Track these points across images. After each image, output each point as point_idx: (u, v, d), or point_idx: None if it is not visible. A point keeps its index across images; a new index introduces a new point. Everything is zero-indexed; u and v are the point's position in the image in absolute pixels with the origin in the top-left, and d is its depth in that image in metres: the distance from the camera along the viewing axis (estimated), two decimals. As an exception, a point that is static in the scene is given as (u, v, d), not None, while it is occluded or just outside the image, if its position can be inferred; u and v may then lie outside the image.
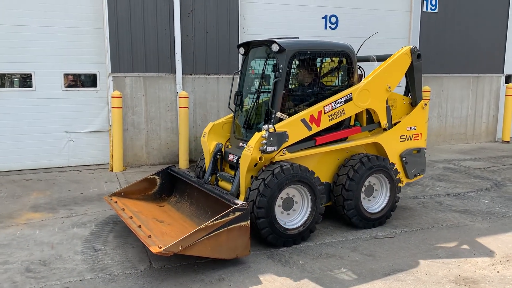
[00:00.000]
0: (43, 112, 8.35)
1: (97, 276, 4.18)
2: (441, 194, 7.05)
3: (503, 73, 12.12)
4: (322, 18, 10.11)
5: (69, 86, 8.53)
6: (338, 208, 5.40)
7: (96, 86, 8.66)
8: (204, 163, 5.95)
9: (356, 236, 5.23)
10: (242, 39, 9.34)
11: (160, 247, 4.01)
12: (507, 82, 12.27)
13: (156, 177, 5.87)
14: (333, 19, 10.21)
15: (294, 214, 5.00)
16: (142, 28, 8.60)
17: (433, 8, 11.02)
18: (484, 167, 9.02)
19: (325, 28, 10.15)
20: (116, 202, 5.45)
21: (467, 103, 11.82)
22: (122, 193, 5.68)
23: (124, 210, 5.19)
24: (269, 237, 4.72)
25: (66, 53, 8.34)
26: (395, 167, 5.67)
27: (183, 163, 8.72)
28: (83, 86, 8.63)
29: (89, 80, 8.67)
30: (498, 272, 4.32)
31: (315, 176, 5.00)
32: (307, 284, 4.06)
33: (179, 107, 8.65)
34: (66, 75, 8.45)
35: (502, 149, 11.09)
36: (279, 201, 4.83)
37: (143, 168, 8.74)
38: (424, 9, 10.92)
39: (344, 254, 4.72)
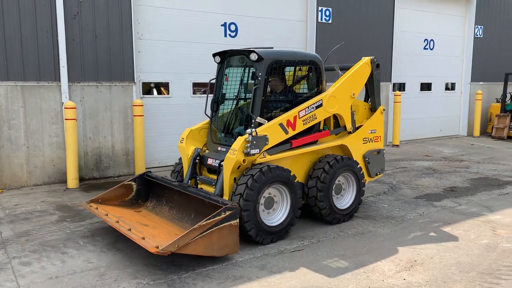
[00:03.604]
0: None
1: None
2: (344, 201, 7.11)
3: (391, 81, 12.95)
4: (222, 25, 9.86)
5: None
6: (311, 200, 5.74)
7: (-39, 97, 7.41)
8: (182, 167, 6.07)
9: (264, 252, 4.95)
10: (137, 44, 8.72)
11: (157, 247, 4.13)
12: (394, 90, 13.16)
13: (133, 183, 5.94)
14: (233, 27, 10.02)
15: (274, 213, 5.32)
16: (18, 29, 7.55)
17: (327, 19, 11.39)
18: (380, 171, 9.39)
19: (225, 35, 9.92)
20: (97, 208, 5.47)
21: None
22: (100, 200, 5.71)
23: (107, 215, 5.25)
24: (251, 231, 4.93)
25: None
26: (361, 170, 6.18)
27: (71, 182, 7.76)
28: None
29: (-48, 90, 7.38)
30: (404, 279, 4.31)
31: (296, 180, 5.37)
32: (213, 314, 3.65)
33: (65, 119, 7.71)
34: None
35: (394, 152, 11.78)
36: (262, 200, 5.11)
37: (24, 190, 7.63)
38: (319, 20, 11.23)
39: (252, 275, 4.40)
